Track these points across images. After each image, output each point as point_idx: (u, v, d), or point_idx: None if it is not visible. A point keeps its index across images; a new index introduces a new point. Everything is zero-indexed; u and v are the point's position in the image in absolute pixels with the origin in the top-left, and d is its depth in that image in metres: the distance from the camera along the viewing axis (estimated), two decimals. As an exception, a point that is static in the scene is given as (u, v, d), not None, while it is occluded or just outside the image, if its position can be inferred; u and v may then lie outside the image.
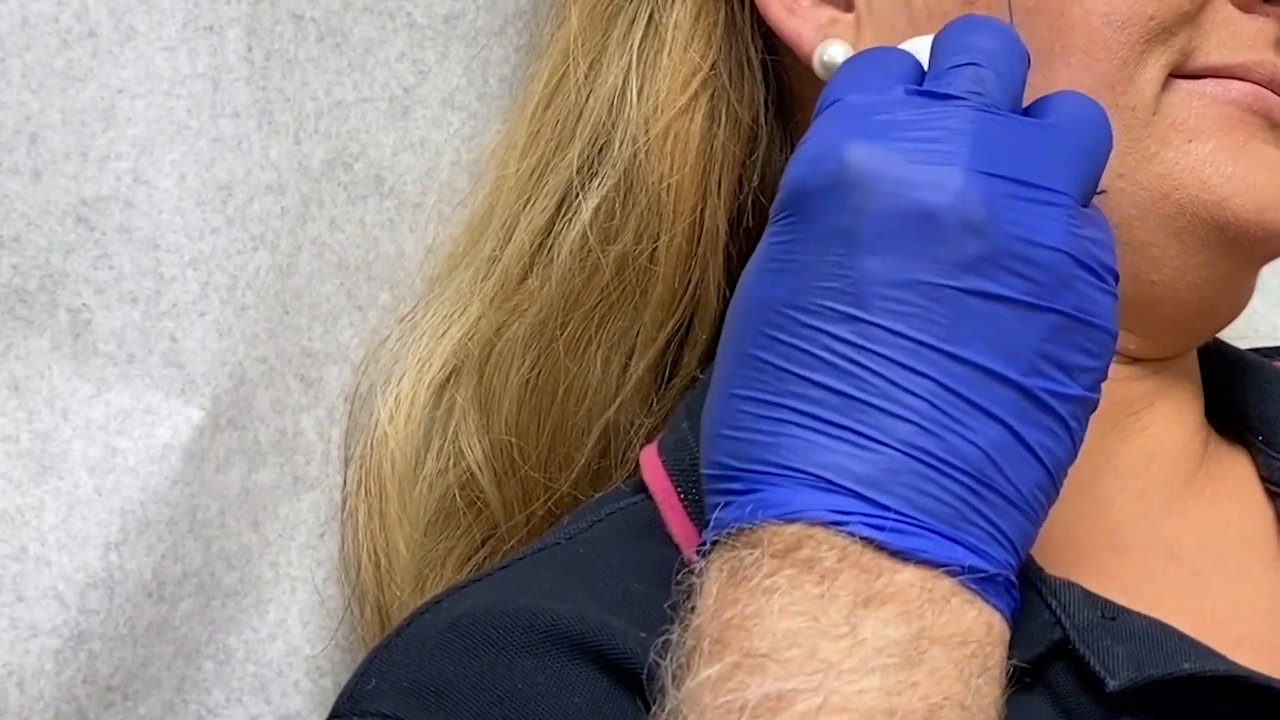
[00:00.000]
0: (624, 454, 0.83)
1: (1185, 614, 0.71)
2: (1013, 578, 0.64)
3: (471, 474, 0.83)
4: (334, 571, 0.84)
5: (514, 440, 0.83)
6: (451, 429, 0.84)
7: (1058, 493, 0.65)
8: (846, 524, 0.62)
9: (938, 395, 0.63)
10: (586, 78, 0.81)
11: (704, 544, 0.64)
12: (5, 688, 0.74)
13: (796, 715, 0.60)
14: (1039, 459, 0.64)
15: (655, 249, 0.80)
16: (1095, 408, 0.66)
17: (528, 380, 0.82)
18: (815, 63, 0.76)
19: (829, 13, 0.77)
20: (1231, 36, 0.74)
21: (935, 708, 0.61)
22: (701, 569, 0.64)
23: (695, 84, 0.80)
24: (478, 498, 0.83)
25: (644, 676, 0.67)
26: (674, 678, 0.63)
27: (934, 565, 0.62)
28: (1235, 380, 0.81)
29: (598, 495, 0.80)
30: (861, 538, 0.62)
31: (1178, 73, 0.74)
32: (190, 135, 0.78)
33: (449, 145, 0.87)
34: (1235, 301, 0.77)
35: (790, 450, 0.63)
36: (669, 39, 0.80)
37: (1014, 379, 0.63)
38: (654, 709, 0.63)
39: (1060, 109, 0.67)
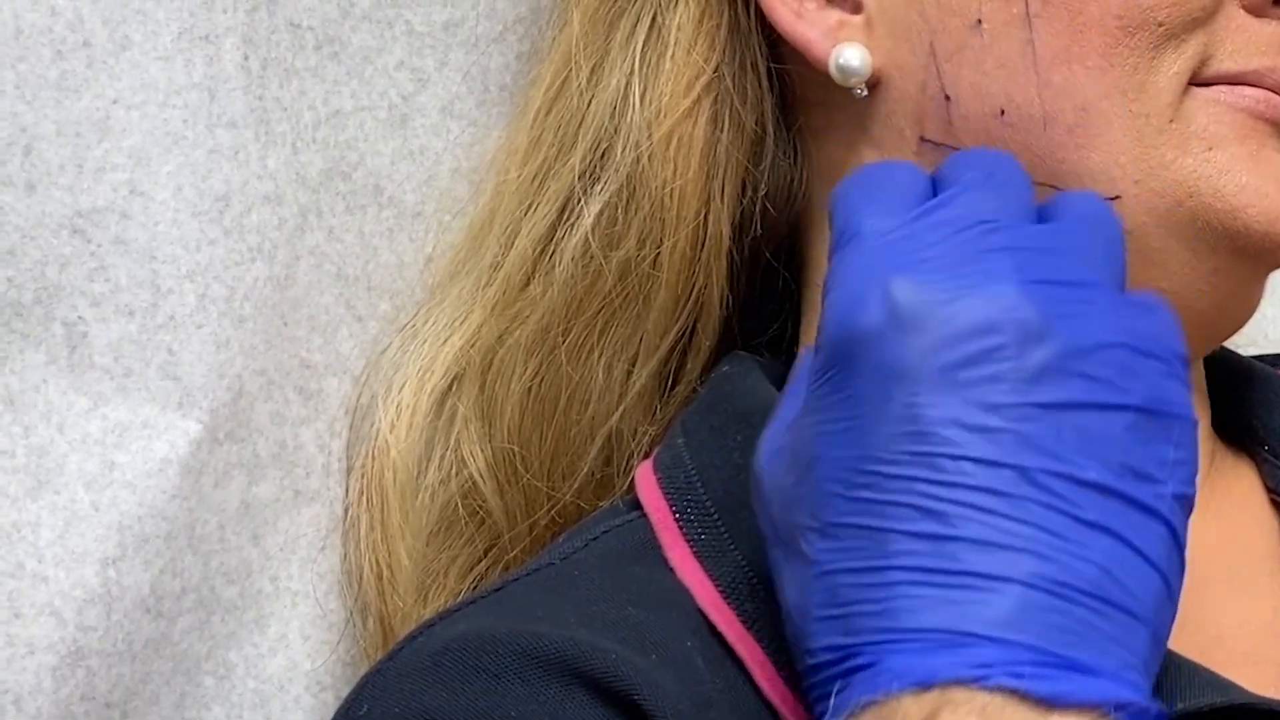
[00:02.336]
0: (627, 462, 0.82)
1: (1190, 629, 0.71)
2: (1162, 708, 0.61)
3: (474, 483, 0.83)
4: (335, 585, 0.84)
5: (516, 449, 0.82)
6: (453, 438, 0.84)
7: (1176, 604, 0.62)
8: (988, 679, 0.59)
9: (1044, 517, 0.60)
10: (589, 82, 0.81)
11: None
12: (3, 705, 0.74)
13: None
14: (1153, 566, 0.61)
15: (658, 254, 0.80)
16: (1192, 505, 0.63)
17: (530, 388, 0.82)
18: (831, 67, 0.76)
19: (837, 15, 0.77)
20: (1245, 43, 0.74)
21: None
22: None
23: (698, 88, 0.80)
24: (480, 507, 0.83)
25: (637, 700, 0.66)
26: None
27: (1083, 708, 0.59)
28: (1241, 390, 0.80)
29: (595, 511, 0.80)
30: (1003, 689, 0.59)
31: (1195, 80, 0.73)
32: (186, 146, 0.77)
33: (448, 153, 0.87)
34: (1244, 309, 0.77)
35: (910, 611, 0.60)
36: (672, 42, 0.80)
37: (1114, 487, 0.61)
38: None
39: (1070, 209, 0.66)
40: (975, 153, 0.68)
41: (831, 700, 0.61)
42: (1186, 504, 0.63)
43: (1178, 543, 0.63)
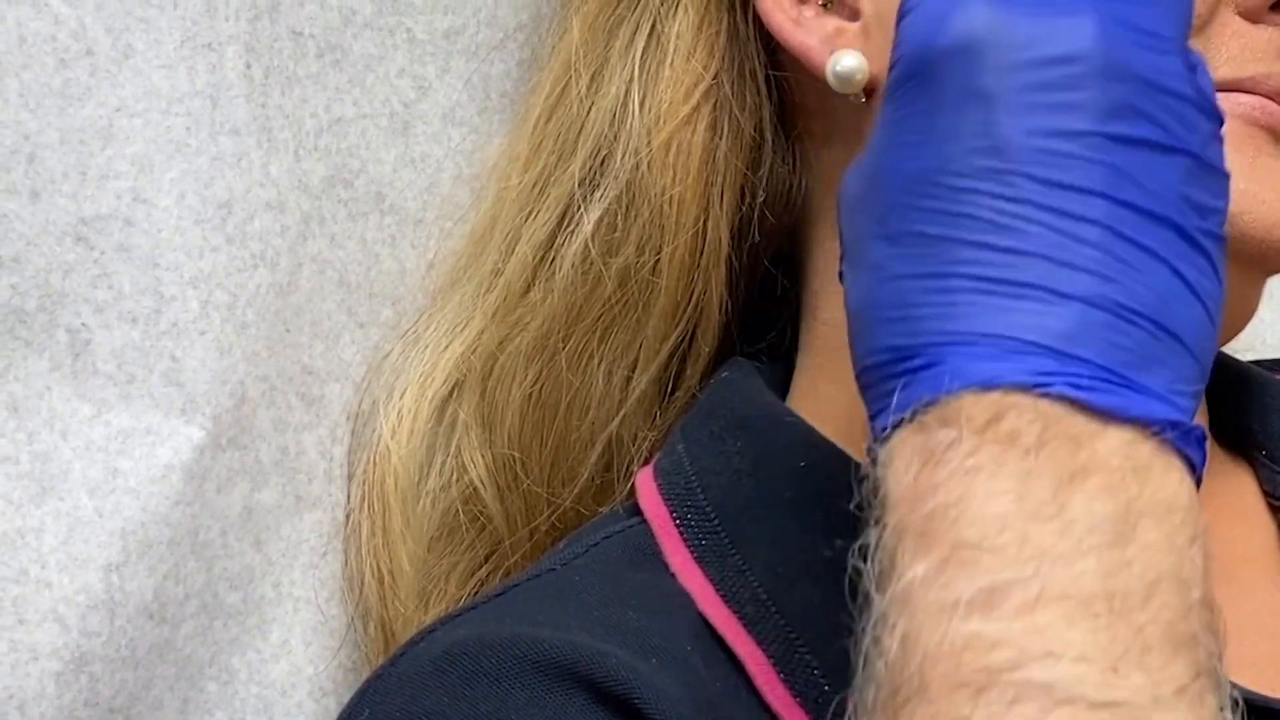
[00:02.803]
0: (627, 468, 0.82)
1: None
2: (1205, 430, 0.62)
3: (475, 489, 0.83)
4: (337, 591, 0.84)
5: (517, 454, 0.82)
6: (454, 444, 0.84)
7: (1217, 335, 0.63)
8: (1048, 385, 0.59)
9: (1108, 241, 0.61)
10: (588, 89, 0.81)
11: (884, 430, 0.61)
12: (6, 711, 0.74)
13: (1014, 607, 0.58)
14: (1199, 298, 0.62)
15: (658, 261, 0.80)
16: (1225, 248, 0.64)
17: (530, 394, 0.82)
18: (829, 74, 0.76)
19: (834, 23, 0.77)
20: (1241, 49, 0.74)
21: (1152, 585, 0.58)
22: (885, 459, 0.61)
23: (698, 94, 0.80)
24: (481, 513, 0.83)
25: (638, 704, 0.66)
26: (877, 583, 0.60)
27: (1135, 424, 0.60)
28: (1239, 395, 0.81)
29: (595, 517, 0.80)
30: (1064, 399, 0.59)
31: None
32: (189, 153, 0.77)
33: (450, 160, 0.87)
34: (1241, 314, 0.77)
35: (973, 316, 0.60)
36: (671, 49, 0.80)
37: (1170, 218, 0.62)
38: (858, 626, 0.61)
39: None
40: None
41: (895, 398, 0.61)
42: (1223, 245, 0.64)
43: (1218, 278, 0.63)
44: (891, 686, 0.59)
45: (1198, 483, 0.62)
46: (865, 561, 0.61)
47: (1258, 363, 0.85)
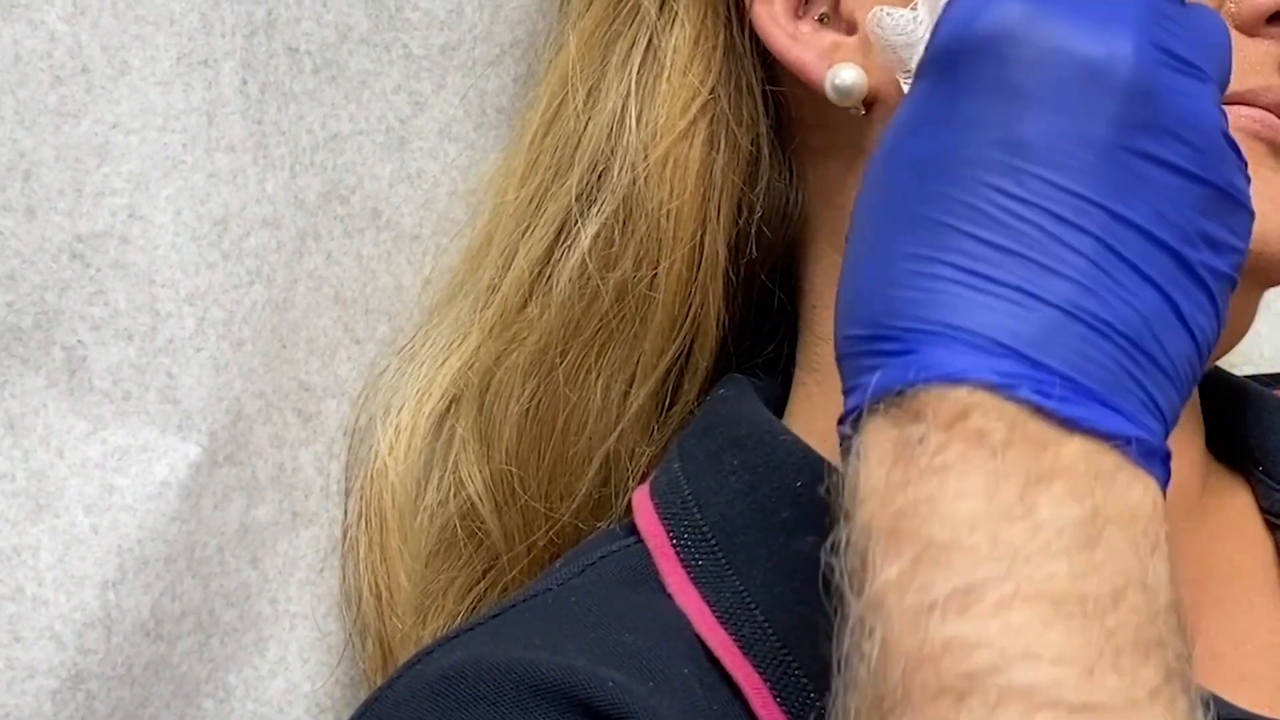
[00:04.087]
0: (625, 483, 0.82)
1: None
2: (1168, 450, 0.62)
3: (472, 504, 0.83)
4: (334, 607, 0.84)
5: (514, 470, 0.82)
6: (452, 459, 0.84)
7: (1203, 369, 0.64)
8: (1014, 388, 0.60)
9: (1100, 255, 0.61)
10: (585, 104, 0.81)
11: (854, 413, 0.62)
12: (3, 729, 0.74)
13: (989, 606, 0.58)
14: (1190, 332, 0.62)
15: (655, 275, 0.80)
16: (1234, 290, 0.64)
17: (528, 409, 0.82)
18: (828, 88, 0.76)
19: (831, 37, 0.77)
20: (1240, 63, 0.74)
21: (1119, 590, 0.59)
22: (858, 450, 0.61)
23: (694, 109, 0.80)
24: (479, 528, 0.83)
25: None
26: (851, 585, 0.60)
27: (1099, 436, 0.60)
28: (1235, 410, 0.81)
29: (593, 532, 0.80)
30: (1029, 404, 0.60)
31: None
32: (185, 170, 0.77)
33: (446, 176, 0.87)
34: (1237, 327, 0.76)
35: (951, 307, 0.61)
36: (668, 64, 0.80)
37: (1173, 246, 0.62)
38: (834, 624, 0.61)
39: (1200, 5, 0.67)
40: None
41: (869, 379, 0.61)
42: (1231, 286, 0.64)
43: (1219, 317, 0.64)
44: (875, 695, 0.59)
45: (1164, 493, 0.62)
46: (835, 556, 0.61)
47: (1254, 378, 0.85)
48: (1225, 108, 0.73)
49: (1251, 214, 0.64)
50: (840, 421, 0.63)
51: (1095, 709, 0.57)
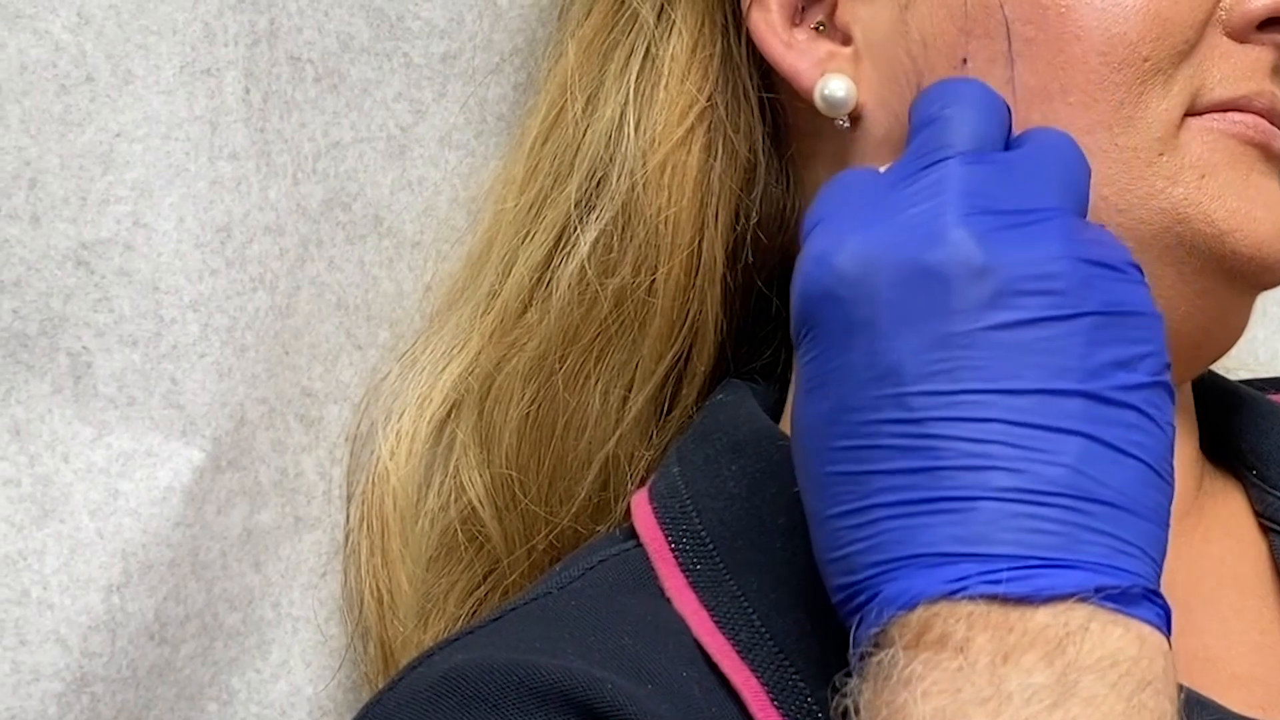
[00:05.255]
0: (624, 487, 0.83)
1: (1178, 652, 0.71)
2: (1151, 586, 0.64)
3: (473, 509, 0.83)
4: (336, 611, 0.84)
5: (515, 474, 0.83)
6: (452, 464, 0.84)
7: (1170, 485, 0.65)
8: (965, 589, 0.62)
9: (1008, 434, 0.63)
10: (584, 111, 0.82)
11: (853, 666, 0.64)
12: (9, 732, 0.74)
13: None
14: (1130, 455, 0.63)
15: (653, 281, 0.80)
16: (1173, 394, 0.65)
17: (528, 414, 0.82)
18: (816, 98, 0.77)
19: (826, 47, 0.78)
20: (1233, 69, 0.74)
21: None
22: (850, 692, 0.64)
23: (692, 116, 0.80)
24: (479, 532, 0.84)
25: None
26: None
27: (1062, 599, 0.62)
28: (1229, 414, 0.81)
29: (592, 536, 0.80)
30: (984, 597, 0.62)
31: (1190, 111, 0.74)
32: (189, 178, 0.78)
33: (446, 183, 0.87)
34: (1231, 331, 0.77)
35: (892, 544, 0.63)
36: (666, 72, 0.80)
37: (1076, 389, 0.63)
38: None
39: (1030, 140, 0.68)
40: (939, 86, 0.69)
41: (853, 635, 0.64)
42: (1161, 389, 0.65)
43: (1158, 425, 0.65)
44: None
45: (1167, 627, 0.63)
46: None
47: (1249, 382, 0.85)
48: (1219, 114, 0.74)
49: (1156, 316, 0.65)
50: (837, 679, 0.65)
51: None
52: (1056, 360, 0.63)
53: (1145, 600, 0.63)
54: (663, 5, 0.81)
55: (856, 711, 0.63)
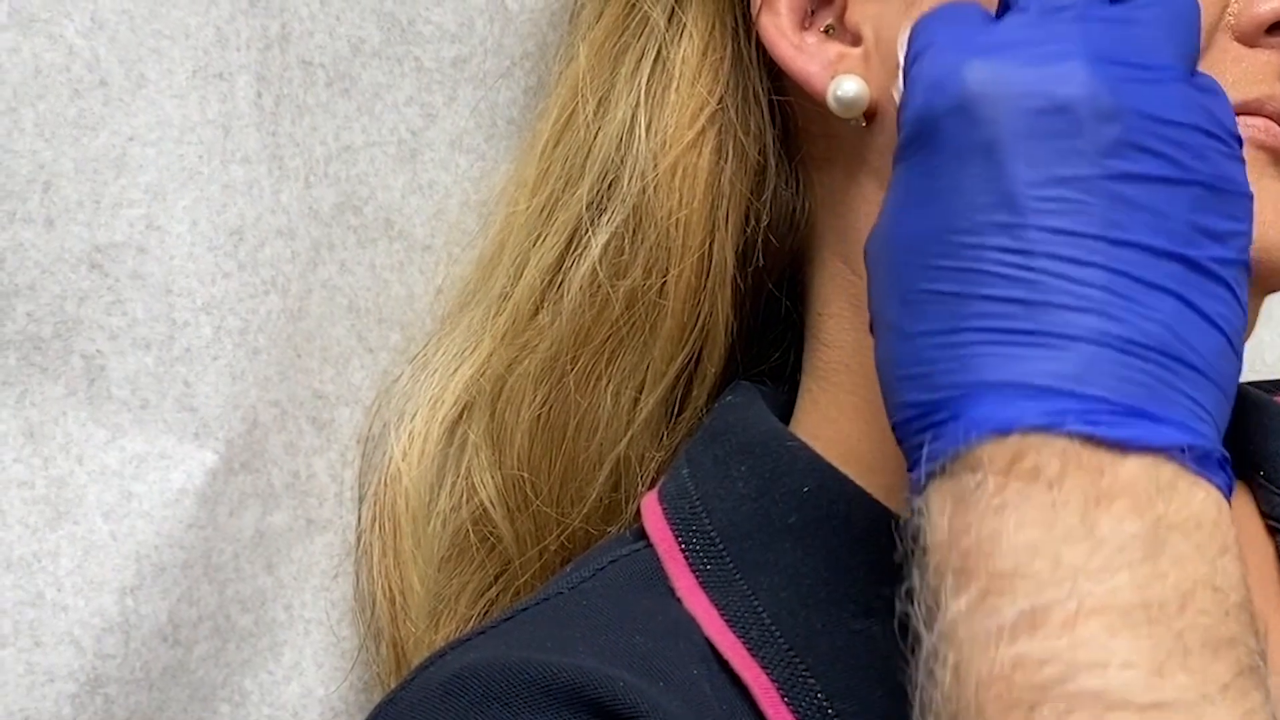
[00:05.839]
0: (635, 488, 0.83)
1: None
2: (1225, 454, 0.64)
3: (484, 510, 0.84)
4: (348, 613, 0.85)
5: (526, 475, 0.83)
6: (464, 465, 0.84)
7: (1240, 360, 0.66)
8: (1062, 424, 0.62)
9: (1111, 281, 0.63)
10: (595, 114, 0.82)
11: (918, 482, 0.64)
12: (23, 732, 0.74)
13: (1055, 625, 0.60)
14: (1216, 325, 0.64)
15: (664, 283, 0.81)
16: (1250, 273, 0.66)
17: (539, 416, 0.83)
18: (830, 98, 0.77)
19: (836, 48, 0.78)
20: (1242, 73, 0.75)
21: (1187, 594, 0.61)
22: (921, 508, 0.64)
23: (703, 119, 0.80)
24: (491, 533, 0.84)
25: None
26: (925, 621, 0.63)
27: (1154, 451, 0.62)
28: (1237, 416, 0.81)
29: (603, 537, 0.81)
30: (1080, 435, 0.62)
31: None
32: (201, 181, 0.78)
33: (457, 187, 0.87)
34: (1239, 330, 0.77)
35: (986, 367, 0.63)
36: (676, 75, 0.81)
37: (1177, 251, 0.64)
38: (911, 657, 0.63)
39: None
40: None
41: (924, 451, 0.64)
42: (1245, 269, 0.66)
43: (1240, 303, 0.65)
44: (950, 715, 0.61)
45: (1228, 497, 0.64)
46: (912, 604, 0.63)
47: (1257, 383, 0.85)
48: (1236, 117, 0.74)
49: (1248, 195, 0.66)
50: (907, 496, 0.65)
51: (1165, 706, 0.60)
52: (1163, 222, 0.64)
53: (1221, 469, 0.64)
54: (673, 9, 0.81)
55: (933, 531, 0.63)
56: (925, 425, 0.64)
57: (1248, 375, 0.86)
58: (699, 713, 0.68)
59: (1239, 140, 0.66)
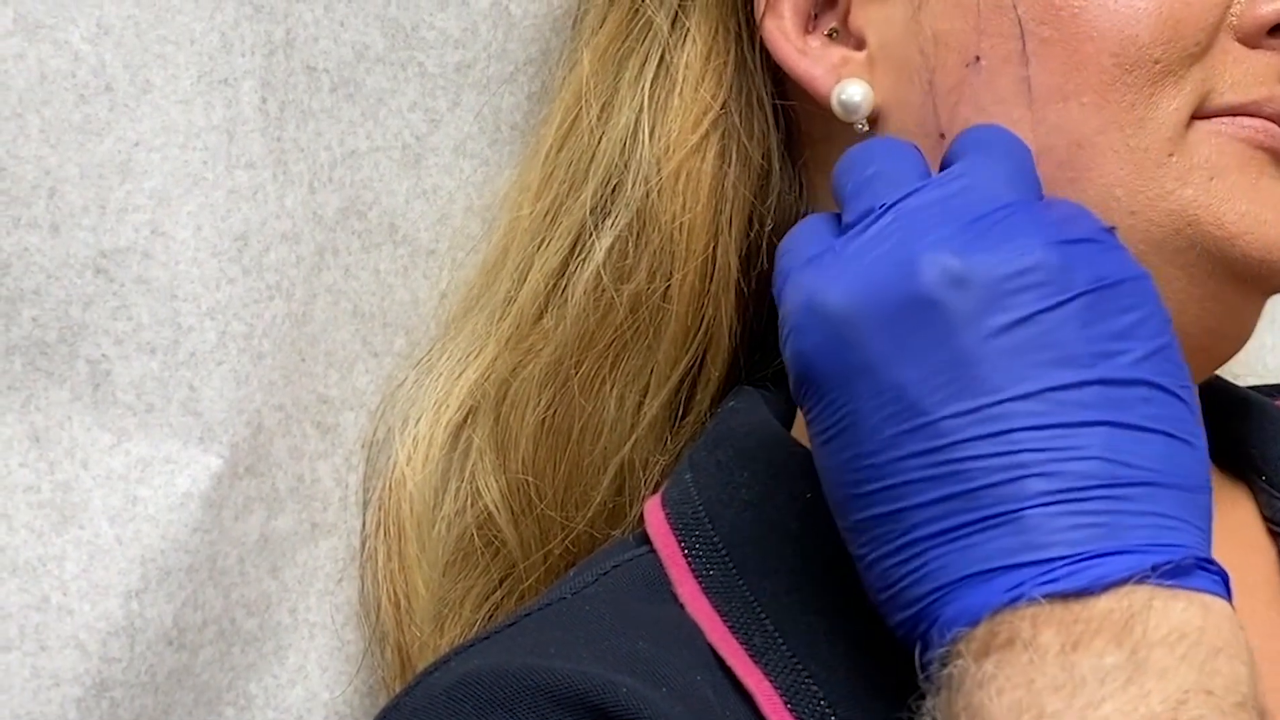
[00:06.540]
0: (639, 492, 0.83)
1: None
2: (1202, 555, 0.64)
3: (489, 514, 0.84)
4: (352, 617, 0.85)
5: (530, 479, 0.83)
6: (469, 469, 0.84)
7: (1196, 445, 0.66)
8: (1026, 594, 0.63)
9: (1030, 439, 0.64)
10: (599, 119, 0.82)
11: (921, 695, 0.65)
12: (29, 736, 0.75)
13: None
14: (1149, 430, 0.64)
15: (668, 287, 0.81)
16: (1178, 349, 0.66)
17: (543, 419, 0.83)
18: (834, 103, 0.77)
19: (840, 52, 0.78)
20: (1244, 74, 0.75)
21: (1179, 703, 0.61)
22: (929, 711, 0.65)
23: (706, 123, 0.80)
24: (495, 537, 0.84)
25: None
26: None
27: (1120, 583, 0.63)
28: (1237, 419, 0.81)
29: (607, 540, 0.81)
30: (1044, 596, 0.63)
31: (1198, 114, 0.74)
32: (206, 186, 0.78)
33: (461, 192, 0.87)
34: (1239, 334, 0.77)
35: (943, 571, 0.64)
36: (680, 79, 0.81)
37: (1087, 379, 0.64)
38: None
39: (962, 147, 0.69)
40: (848, 157, 0.71)
41: (918, 662, 0.65)
42: (1165, 354, 0.66)
43: (1168, 392, 0.65)
44: None
45: (1227, 592, 0.64)
46: None
47: (1257, 388, 0.85)
48: (1228, 118, 0.74)
49: (1141, 276, 0.66)
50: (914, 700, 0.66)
51: None
52: (1060, 352, 0.64)
53: (1199, 570, 0.64)
54: (677, 13, 0.81)
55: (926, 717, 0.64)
56: (913, 640, 0.65)
57: (1249, 379, 0.87)
58: (702, 718, 0.69)
59: (1109, 230, 0.66)
